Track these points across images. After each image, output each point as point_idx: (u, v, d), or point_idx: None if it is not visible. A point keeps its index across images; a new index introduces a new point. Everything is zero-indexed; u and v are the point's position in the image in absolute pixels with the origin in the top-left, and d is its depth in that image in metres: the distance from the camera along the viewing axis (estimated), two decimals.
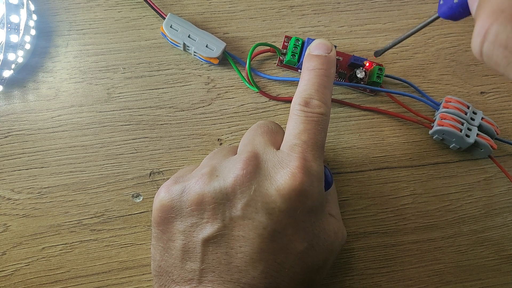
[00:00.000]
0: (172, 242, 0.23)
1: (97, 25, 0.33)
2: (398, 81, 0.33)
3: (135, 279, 0.30)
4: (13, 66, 0.30)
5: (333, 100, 0.33)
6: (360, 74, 0.31)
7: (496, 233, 0.32)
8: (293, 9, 0.34)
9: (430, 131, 0.32)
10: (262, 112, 0.32)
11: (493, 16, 0.15)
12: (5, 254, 0.30)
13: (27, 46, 0.31)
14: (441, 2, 0.21)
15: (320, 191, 0.23)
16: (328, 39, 0.33)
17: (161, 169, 0.31)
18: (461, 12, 0.20)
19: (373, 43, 0.34)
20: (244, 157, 0.23)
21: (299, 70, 0.33)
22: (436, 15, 0.23)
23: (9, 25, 0.28)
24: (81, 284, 0.30)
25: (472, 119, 0.31)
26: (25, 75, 0.32)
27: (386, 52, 0.33)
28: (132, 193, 0.31)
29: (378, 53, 0.31)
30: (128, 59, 0.32)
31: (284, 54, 0.32)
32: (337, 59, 0.32)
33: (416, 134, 0.33)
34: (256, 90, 0.32)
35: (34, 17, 0.31)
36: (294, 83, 0.33)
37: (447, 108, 0.31)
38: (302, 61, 0.30)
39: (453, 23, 0.34)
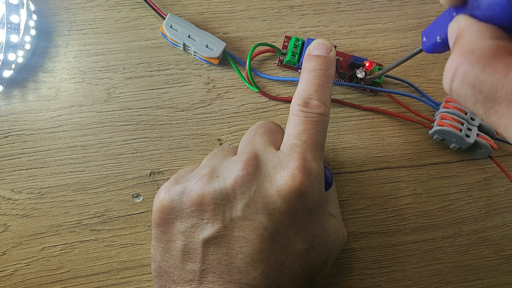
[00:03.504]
0: (172, 243, 0.23)
1: (97, 25, 0.33)
2: (398, 81, 0.33)
3: (135, 279, 0.30)
4: (13, 66, 0.30)
5: (333, 100, 0.33)
6: (360, 74, 0.31)
7: (496, 233, 0.32)
8: (293, 9, 0.34)
9: (430, 131, 0.32)
10: (262, 112, 0.32)
11: (463, 55, 0.16)
12: (5, 254, 0.30)
13: (27, 46, 0.31)
14: (424, 39, 0.22)
15: (320, 192, 0.23)
16: (328, 39, 0.33)
17: (161, 169, 0.31)
18: (444, 48, 0.21)
19: (373, 43, 0.34)
20: (244, 157, 0.23)
21: (299, 70, 0.33)
22: (420, 48, 0.24)
23: (9, 25, 0.28)
24: (81, 284, 0.30)
25: (472, 119, 0.31)
26: (25, 75, 0.32)
27: (386, 52, 0.34)
28: (132, 193, 0.31)
29: (369, 81, 0.32)
30: (128, 59, 0.32)
31: (284, 54, 0.32)
32: (337, 59, 0.32)
33: (416, 134, 0.33)
34: (256, 90, 0.32)
35: (34, 17, 0.31)
36: (294, 83, 0.33)
37: (447, 108, 0.31)
38: (302, 61, 0.30)
39: None
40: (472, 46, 0.16)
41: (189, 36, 0.31)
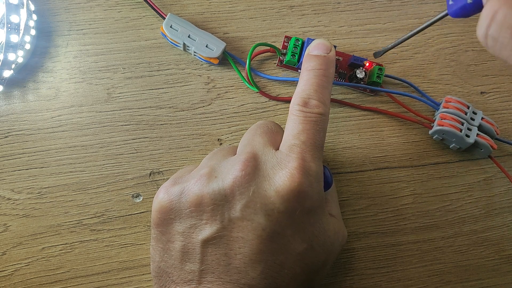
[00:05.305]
0: (171, 243, 0.23)
1: (97, 25, 0.33)
2: (398, 81, 0.33)
3: (135, 279, 0.30)
4: (13, 66, 0.30)
5: (333, 100, 0.33)
6: (360, 74, 0.31)
7: (496, 233, 0.32)
8: (293, 9, 0.34)
9: (430, 131, 0.32)
10: (262, 112, 0.32)
11: (503, 0, 0.15)
12: (5, 254, 0.30)
13: (27, 46, 0.31)
14: (451, 2, 0.20)
15: (319, 192, 0.23)
16: (328, 39, 0.33)
17: (161, 169, 0.31)
18: (474, 11, 0.19)
19: (373, 43, 0.34)
20: (243, 158, 0.23)
21: (299, 70, 0.33)
22: (445, 12, 0.22)
23: (9, 25, 0.28)
24: (81, 284, 0.30)
25: (472, 119, 0.31)
26: (25, 75, 0.32)
27: (386, 52, 0.33)
28: (132, 193, 0.31)
29: (377, 54, 0.31)
30: (128, 59, 0.32)
31: (284, 54, 0.32)
32: (337, 59, 0.32)
33: (416, 134, 0.33)
34: (256, 90, 0.32)
35: (34, 17, 0.31)
36: (294, 83, 0.33)
37: (447, 108, 0.31)
38: (302, 61, 0.30)
39: (453, 23, 0.34)
40: None
41: (189, 36, 0.31)
